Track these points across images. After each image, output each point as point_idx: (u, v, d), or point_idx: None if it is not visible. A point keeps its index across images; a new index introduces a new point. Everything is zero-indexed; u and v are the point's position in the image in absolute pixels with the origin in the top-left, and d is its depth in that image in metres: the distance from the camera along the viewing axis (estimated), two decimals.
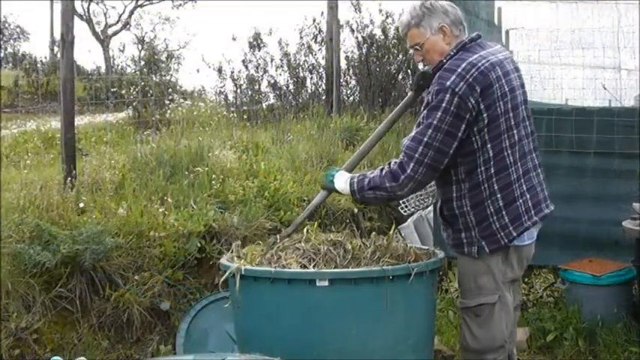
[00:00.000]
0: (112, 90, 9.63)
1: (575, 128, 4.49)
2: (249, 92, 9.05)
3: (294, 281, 2.57)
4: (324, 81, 7.92)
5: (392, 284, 2.57)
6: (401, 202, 4.08)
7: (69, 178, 4.13)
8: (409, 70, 8.61)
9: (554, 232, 4.45)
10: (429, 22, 2.69)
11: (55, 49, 16.76)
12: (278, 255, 2.74)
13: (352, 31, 8.75)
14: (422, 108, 2.64)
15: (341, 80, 7.91)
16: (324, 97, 7.90)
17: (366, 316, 2.59)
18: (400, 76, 8.65)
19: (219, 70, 9.22)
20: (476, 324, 2.70)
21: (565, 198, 4.47)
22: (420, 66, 2.90)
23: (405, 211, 4.17)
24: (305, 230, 2.93)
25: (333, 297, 2.56)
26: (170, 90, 9.05)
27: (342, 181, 2.86)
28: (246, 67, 9.19)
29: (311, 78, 8.91)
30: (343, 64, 8.28)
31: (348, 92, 8.78)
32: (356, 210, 5.06)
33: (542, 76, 4.86)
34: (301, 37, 9.02)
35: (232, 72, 9.12)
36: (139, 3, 23.11)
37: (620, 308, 4.02)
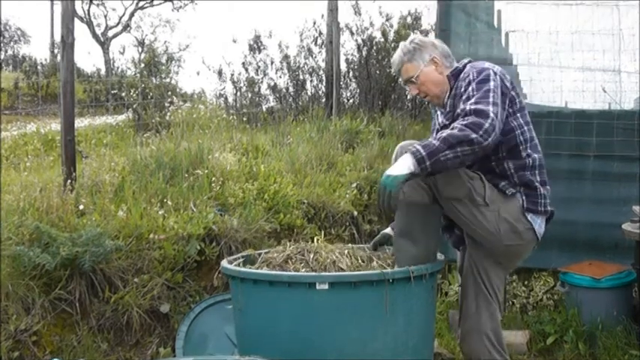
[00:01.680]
0: (112, 92, 9.64)
1: (575, 131, 4.50)
2: (249, 95, 9.05)
3: (294, 284, 2.57)
4: (324, 84, 7.93)
5: (392, 287, 2.56)
6: None
7: (69, 181, 4.13)
8: None
9: (554, 235, 4.43)
10: (420, 56, 2.87)
11: (56, 51, 16.75)
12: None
13: (352, 33, 8.76)
14: (463, 90, 2.67)
15: (341, 83, 7.92)
16: (323, 100, 7.91)
17: (366, 319, 2.59)
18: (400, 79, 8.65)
19: (219, 73, 9.22)
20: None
21: (565, 201, 4.48)
22: (409, 95, 2.98)
23: None
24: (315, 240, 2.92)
25: (333, 300, 2.55)
26: (170, 92, 9.03)
27: (399, 164, 2.46)
28: (246, 69, 9.19)
29: (311, 80, 8.91)
30: (343, 66, 8.29)
31: (348, 95, 8.79)
32: (355, 213, 5.06)
33: (542, 79, 4.85)
34: (301, 40, 9.03)
35: (232, 74, 9.12)
36: (140, 5, 23.11)
37: (620, 311, 4.02)
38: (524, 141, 2.73)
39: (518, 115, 2.74)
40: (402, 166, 2.44)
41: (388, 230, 3.07)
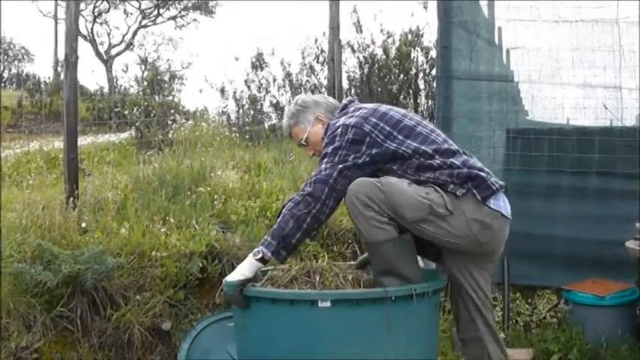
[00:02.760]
0: (115, 110, 9.66)
1: (576, 148, 4.49)
2: (252, 112, 9.08)
3: (296, 302, 2.56)
4: None
5: (394, 305, 2.55)
6: None
7: (71, 198, 4.14)
8: (410, 90, 8.64)
9: (557, 253, 4.45)
10: (304, 117, 2.94)
11: (59, 69, 16.85)
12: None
13: (354, 51, 8.80)
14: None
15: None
16: None
17: (369, 337, 2.58)
18: (402, 96, 8.69)
19: (222, 91, 9.26)
20: None
21: (567, 218, 4.48)
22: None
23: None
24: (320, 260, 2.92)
25: (335, 318, 2.54)
26: (173, 110, 9.07)
27: (236, 270, 2.66)
28: (249, 87, 9.24)
29: None
30: (345, 83, 8.32)
31: None
32: None
33: (543, 96, 4.86)
34: (303, 57, 9.08)
35: (235, 92, 9.17)
36: (143, 24, 23.29)
37: (625, 329, 4.00)
38: (418, 155, 2.69)
39: (397, 135, 2.71)
40: (237, 272, 2.64)
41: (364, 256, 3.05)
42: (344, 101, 2.96)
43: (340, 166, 2.64)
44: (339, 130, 2.71)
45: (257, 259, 2.63)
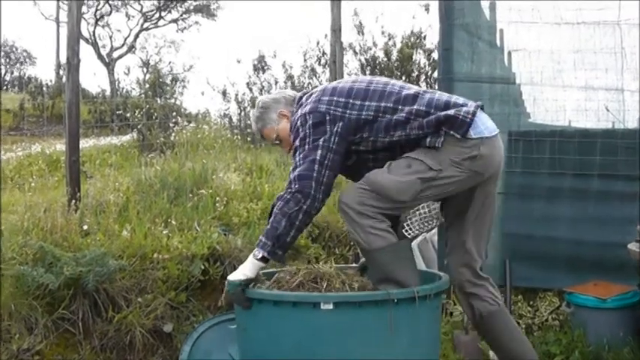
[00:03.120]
0: (117, 113, 9.68)
1: (578, 150, 4.48)
2: None
3: (298, 304, 2.56)
4: None
5: (396, 307, 2.55)
6: (405, 224, 4.06)
7: (73, 201, 4.15)
8: None
9: (559, 255, 4.44)
10: (268, 117, 2.95)
11: (61, 72, 16.87)
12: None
13: (355, 53, 8.81)
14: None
15: None
16: None
17: (371, 339, 2.58)
18: None
19: (224, 93, 9.28)
20: None
21: (569, 220, 4.47)
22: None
23: (409, 234, 4.15)
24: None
25: (337, 320, 2.54)
26: (174, 113, 9.08)
27: (238, 269, 2.70)
28: (251, 89, 9.26)
29: None
30: None
31: None
32: None
33: (545, 98, 4.85)
34: (305, 60, 9.10)
35: (236, 94, 9.19)
36: (145, 26, 23.31)
37: (627, 332, 3.99)
38: (382, 113, 2.67)
39: (354, 102, 2.69)
40: (239, 272, 2.66)
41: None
42: (298, 94, 2.97)
43: (317, 157, 2.63)
44: (299, 121, 2.72)
45: (258, 259, 2.64)
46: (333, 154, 2.66)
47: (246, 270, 2.65)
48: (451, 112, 2.64)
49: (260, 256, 2.64)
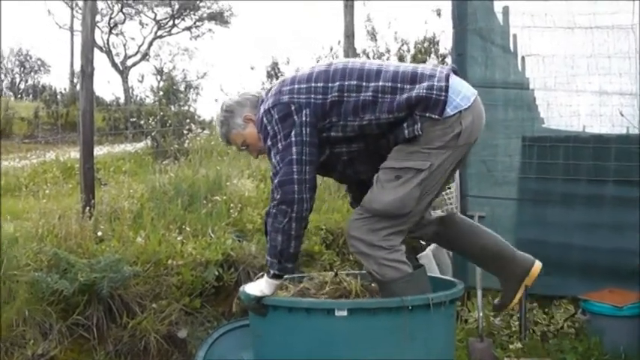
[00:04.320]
0: (131, 120, 9.73)
1: (593, 156, 4.46)
2: None
3: (312, 311, 2.56)
4: None
5: (411, 315, 2.54)
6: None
7: (87, 208, 4.17)
8: None
9: (573, 262, 4.40)
10: (234, 122, 2.82)
11: (75, 80, 17.01)
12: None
13: (368, 59, 8.80)
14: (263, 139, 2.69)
15: None
16: None
17: (385, 346, 2.57)
18: None
19: None
20: None
21: (584, 227, 4.43)
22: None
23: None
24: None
25: (351, 327, 2.53)
26: (188, 120, 9.12)
27: (255, 284, 2.68)
28: None
29: None
30: None
31: None
32: None
33: (559, 103, 4.82)
34: None
35: None
36: (158, 34, 23.46)
37: None
38: (347, 92, 2.55)
39: (317, 85, 2.59)
40: (256, 287, 2.65)
41: None
42: (262, 93, 2.85)
43: (293, 155, 2.53)
44: (264, 118, 2.62)
45: (271, 277, 2.63)
46: (309, 147, 2.55)
47: (262, 287, 2.63)
48: (422, 92, 2.50)
49: (272, 274, 2.63)
